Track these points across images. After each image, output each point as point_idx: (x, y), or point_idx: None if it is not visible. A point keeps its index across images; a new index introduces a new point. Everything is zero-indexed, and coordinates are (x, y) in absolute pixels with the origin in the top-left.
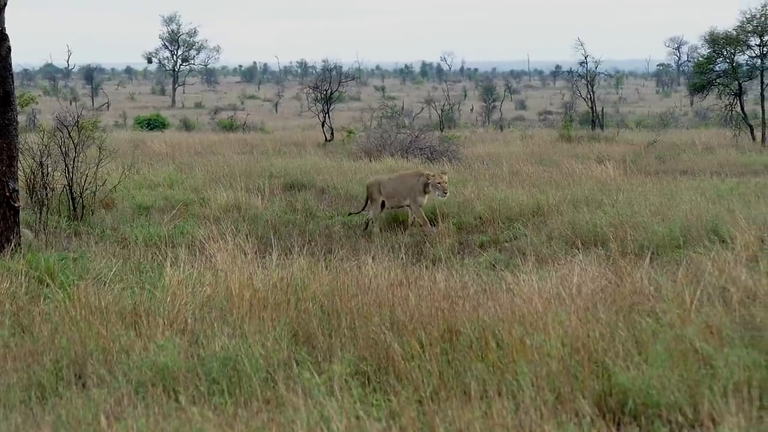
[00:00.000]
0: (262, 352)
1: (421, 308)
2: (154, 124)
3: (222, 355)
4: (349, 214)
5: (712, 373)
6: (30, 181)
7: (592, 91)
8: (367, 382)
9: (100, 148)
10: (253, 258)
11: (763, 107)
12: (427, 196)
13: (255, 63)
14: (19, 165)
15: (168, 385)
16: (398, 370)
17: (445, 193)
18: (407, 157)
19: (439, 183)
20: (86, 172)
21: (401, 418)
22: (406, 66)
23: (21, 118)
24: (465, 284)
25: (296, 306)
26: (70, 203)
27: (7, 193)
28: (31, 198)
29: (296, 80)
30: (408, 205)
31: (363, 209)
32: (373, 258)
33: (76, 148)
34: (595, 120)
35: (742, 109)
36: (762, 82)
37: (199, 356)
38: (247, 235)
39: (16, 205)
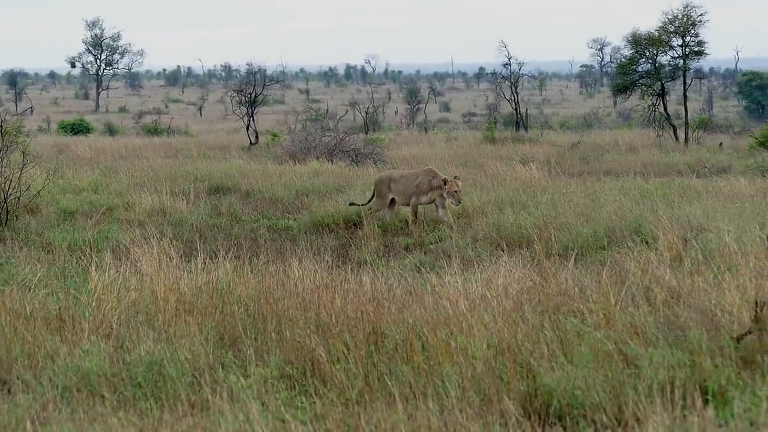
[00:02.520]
0: (188, 356)
1: (347, 311)
2: (78, 128)
3: (147, 359)
4: (351, 204)
5: (636, 373)
6: None
7: (516, 93)
8: (292, 385)
9: (23, 153)
10: (178, 262)
11: (686, 107)
12: (430, 195)
13: (179, 67)
14: None
15: (94, 390)
16: (324, 373)
17: (459, 202)
18: (332, 160)
19: (455, 192)
20: (10, 177)
21: (326, 421)
22: (330, 69)
23: None
24: (390, 287)
25: (222, 310)
26: None
27: None
28: None
29: (220, 84)
30: (424, 203)
31: (368, 203)
32: (298, 261)
33: None
34: (519, 121)
35: (665, 109)
36: (685, 83)
37: (124, 361)
38: (172, 240)
39: None
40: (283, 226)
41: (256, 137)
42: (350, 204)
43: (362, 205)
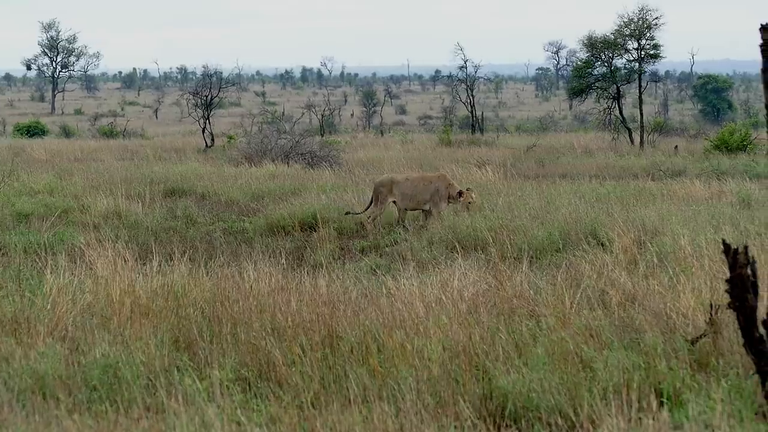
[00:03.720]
0: (143, 359)
1: (303, 314)
2: (33, 131)
3: (103, 362)
4: (347, 213)
5: (591, 376)
6: None
7: (472, 96)
8: (248, 387)
9: None
10: (133, 265)
11: (641, 110)
12: (448, 204)
13: (135, 69)
14: None
15: (49, 392)
16: (279, 375)
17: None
18: (288, 163)
19: (469, 203)
20: None
21: (282, 424)
22: (286, 71)
23: None
24: (346, 289)
25: (177, 312)
26: None
27: None
28: None
29: (176, 86)
30: (428, 210)
31: (367, 209)
32: (254, 264)
33: None
34: (474, 124)
35: (621, 112)
36: (640, 86)
37: (79, 364)
38: (127, 242)
39: None
40: (239, 228)
41: (212, 140)
42: (347, 213)
43: (360, 213)
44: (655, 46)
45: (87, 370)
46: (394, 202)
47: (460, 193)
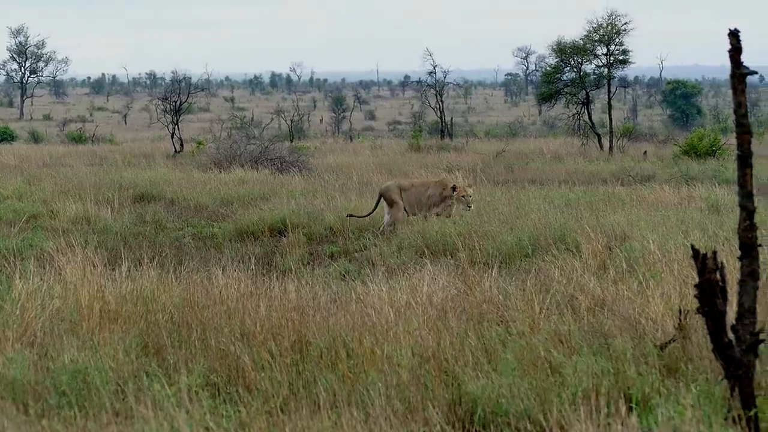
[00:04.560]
0: (112, 365)
1: (272, 319)
2: (2, 136)
3: (72, 367)
4: (349, 216)
5: (561, 381)
6: None
7: (441, 101)
8: (217, 393)
9: None
10: (102, 270)
11: (610, 116)
12: (449, 207)
13: (104, 74)
14: None
15: (18, 398)
16: (248, 381)
17: (470, 207)
18: (257, 168)
19: (463, 196)
20: None
21: (251, 429)
22: (255, 77)
23: None
24: (315, 294)
25: (146, 318)
26: None
27: None
28: None
29: (145, 92)
30: (437, 214)
31: (370, 214)
32: (223, 269)
33: None
34: (444, 130)
35: (590, 117)
36: (609, 91)
37: (48, 369)
38: (96, 247)
39: None
40: (208, 233)
41: (181, 145)
42: (348, 216)
43: (363, 216)
44: (624, 52)
45: (56, 375)
46: (405, 208)
47: (454, 188)
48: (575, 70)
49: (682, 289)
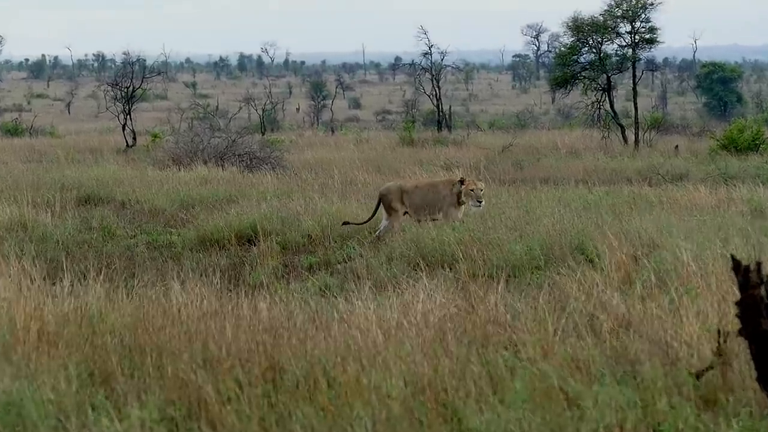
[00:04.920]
0: (52, 396)
1: (240, 342)
2: None
3: (4, 399)
4: (345, 223)
5: (579, 416)
6: None
7: (438, 87)
8: (175, 428)
9: None
10: (41, 285)
11: (635, 104)
12: (462, 207)
13: (44, 56)
14: None
15: None
16: (212, 415)
17: (480, 202)
18: (223, 166)
19: (472, 190)
20: None
21: None
22: (221, 59)
23: None
24: (291, 313)
25: (92, 341)
26: None
27: None
28: None
29: (92, 76)
30: (438, 220)
31: (369, 220)
32: (182, 284)
33: None
34: (441, 120)
35: (612, 106)
36: (634, 76)
37: None
38: (34, 258)
39: None
40: (165, 242)
41: (134, 138)
42: (344, 223)
43: (361, 224)
44: (652, 30)
45: None
46: (406, 213)
47: (462, 181)
48: (594, 50)
49: (721, 307)
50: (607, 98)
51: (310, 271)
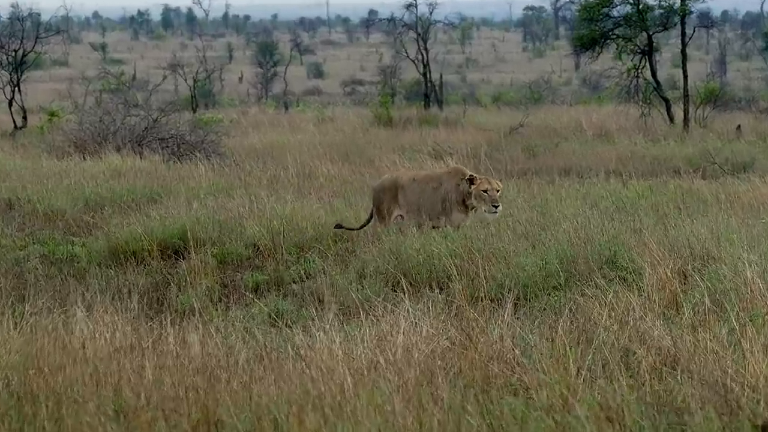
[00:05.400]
0: None
1: (163, 387)
2: None
3: None
4: (337, 227)
5: None
6: None
7: (426, 50)
8: None
9: None
10: None
11: (685, 72)
12: (470, 212)
13: None
14: None
15: None
16: None
17: (496, 207)
18: (141, 153)
19: (485, 191)
20: None
21: None
22: (139, 13)
23: None
24: (231, 349)
25: None
26: None
27: None
28: None
29: None
30: (462, 223)
31: (366, 224)
32: (88, 310)
33: None
34: (429, 94)
35: (654, 74)
36: (683, 34)
37: None
38: None
39: None
40: (66, 255)
41: (24, 118)
42: (336, 227)
43: (356, 229)
44: None
45: None
46: (401, 216)
47: (471, 179)
48: (631, 2)
49: None
50: (647, 64)
51: (257, 292)
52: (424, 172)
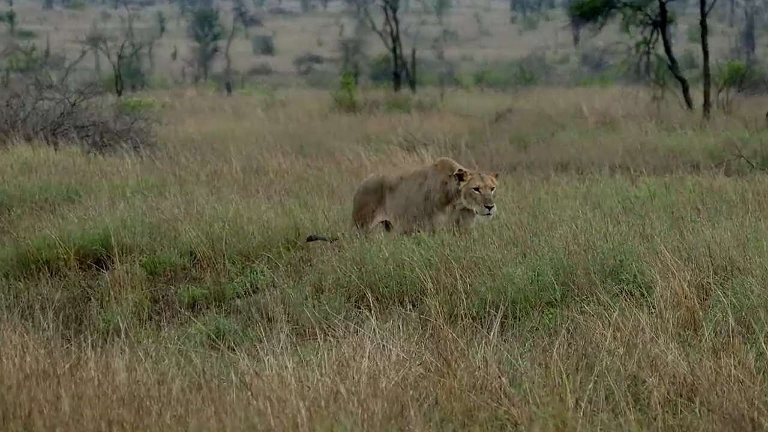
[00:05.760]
0: None
1: (83, 421)
2: None
3: None
4: (311, 239)
5: None
6: None
7: (395, 20)
8: None
9: None
10: None
11: (705, 48)
12: (455, 213)
13: None
14: None
15: None
16: None
17: (489, 209)
18: (57, 143)
19: (477, 189)
20: None
21: None
22: None
23: None
24: (164, 376)
25: None
26: None
27: None
28: None
29: None
30: (443, 225)
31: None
32: None
33: None
34: (400, 73)
35: (668, 51)
36: (703, 3)
37: None
38: None
39: None
40: None
41: None
42: (309, 239)
43: (333, 241)
44: None
45: None
46: (387, 223)
47: (461, 175)
48: None
49: None
50: (660, 37)
51: (194, 309)
52: (413, 168)
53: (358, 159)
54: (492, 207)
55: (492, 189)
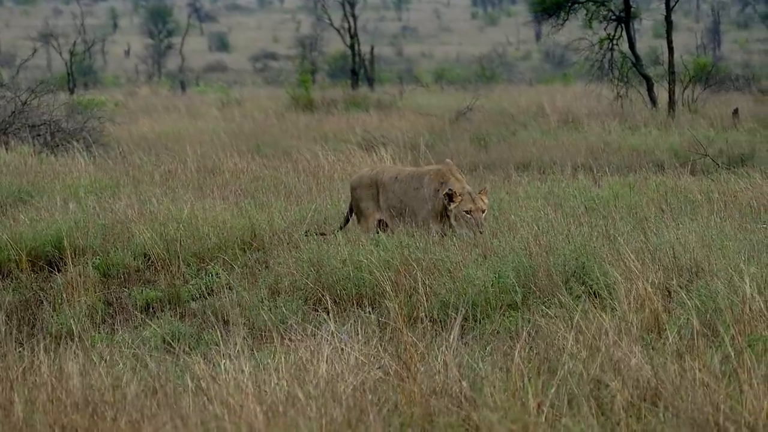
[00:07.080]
0: None
1: (36, 426)
2: None
3: None
4: (307, 233)
5: None
6: None
7: (353, 16)
8: None
9: None
10: None
11: (670, 44)
12: (443, 222)
13: None
14: None
15: None
16: None
17: (481, 231)
18: (7, 143)
19: (468, 212)
20: None
21: None
22: None
23: None
24: (118, 380)
25: None
26: None
27: None
28: None
29: None
30: (437, 232)
31: (343, 226)
32: None
33: None
34: (358, 70)
35: (632, 47)
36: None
37: None
38: None
39: None
40: None
41: None
42: (306, 233)
43: (329, 235)
44: None
45: None
46: (383, 223)
47: (450, 195)
48: None
49: None
50: (624, 34)
51: (148, 312)
52: (410, 168)
53: (315, 159)
54: (483, 232)
55: (483, 212)
